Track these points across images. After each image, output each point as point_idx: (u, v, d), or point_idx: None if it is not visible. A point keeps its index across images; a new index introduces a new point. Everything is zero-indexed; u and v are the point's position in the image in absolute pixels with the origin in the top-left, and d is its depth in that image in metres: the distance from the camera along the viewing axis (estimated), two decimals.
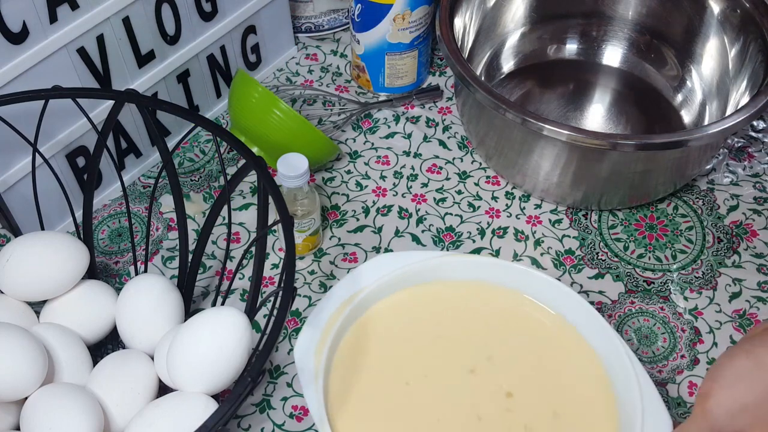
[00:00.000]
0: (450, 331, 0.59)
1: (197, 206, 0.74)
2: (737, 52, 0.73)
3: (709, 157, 0.73)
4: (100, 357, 0.58)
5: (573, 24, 0.84)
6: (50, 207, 0.67)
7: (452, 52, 0.68)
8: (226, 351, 0.51)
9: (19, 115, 0.59)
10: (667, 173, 0.69)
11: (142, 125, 0.73)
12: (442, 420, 0.55)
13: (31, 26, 0.59)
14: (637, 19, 0.82)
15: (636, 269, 0.69)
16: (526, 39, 0.84)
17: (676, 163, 0.68)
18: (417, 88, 0.84)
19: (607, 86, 0.83)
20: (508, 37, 0.83)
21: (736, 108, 0.68)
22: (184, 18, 0.71)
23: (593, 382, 0.56)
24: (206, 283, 0.69)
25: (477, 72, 0.78)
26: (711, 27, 0.76)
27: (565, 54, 0.85)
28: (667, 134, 0.63)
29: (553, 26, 0.84)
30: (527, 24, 0.83)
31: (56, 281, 0.59)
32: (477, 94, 0.65)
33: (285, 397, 0.62)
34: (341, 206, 0.74)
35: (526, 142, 0.67)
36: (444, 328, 0.60)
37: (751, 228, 0.72)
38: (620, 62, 0.84)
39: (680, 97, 0.80)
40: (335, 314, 0.57)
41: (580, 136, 0.62)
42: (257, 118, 0.70)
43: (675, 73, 0.81)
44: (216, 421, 0.43)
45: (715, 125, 0.63)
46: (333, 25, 0.89)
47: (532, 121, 0.62)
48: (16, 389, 0.52)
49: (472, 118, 0.73)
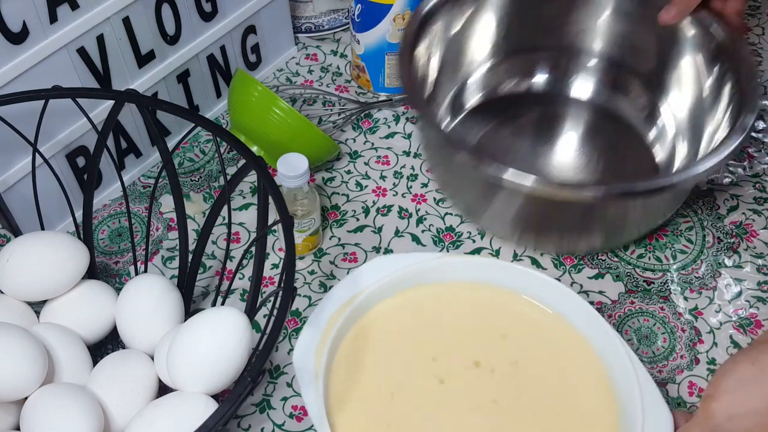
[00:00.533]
0: (450, 332, 0.59)
1: (197, 206, 0.74)
2: (711, 85, 0.69)
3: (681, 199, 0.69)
4: (100, 357, 0.58)
5: (541, 57, 0.81)
6: (50, 207, 0.67)
7: (410, 90, 0.64)
8: (226, 351, 0.51)
9: (19, 115, 0.58)
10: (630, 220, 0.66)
11: (142, 125, 0.73)
12: (442, 421, 0.55)
13: (31, 26, 0.59)
14: (607, 52, 0.79)
15: (636, 269, 0.69)
16: (493, 72, 0.80)
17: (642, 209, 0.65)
18: None
19: (577, 120, 0.80)
20: (473, 70, 0.79)
21: (711, 144, 0.65)
22: (184, 18, 0.71)
23: (594, 382, 0.56)
24: (206, 283, 0.69)
25: (442, 107, 0.77)
26: (684, 60, 0.72)
27: (533, 87, 0.82)
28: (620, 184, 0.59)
29: (520, 59, 0.80)
30: (494, 57, 0.80)
31: (56, 281, 0.59)
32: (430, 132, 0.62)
33: (285, 397, 0.62)
34: (341, 206, 0.74)
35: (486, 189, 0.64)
36: (444, 329, 0.60)
37: (751, 228, 0.72)
38: (591, 95, 0.81)
39: (653, 134, 0.76)
40: (335, 315, 0.57)
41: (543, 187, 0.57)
42: (257, 117, 0.70)
43: (646, 106, 0.77)
44: (216, 421, 0.43)
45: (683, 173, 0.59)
46: (333, 25, 0.89)
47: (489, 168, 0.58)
48: (16, 389, 0.52)
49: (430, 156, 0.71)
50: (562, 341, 0.58)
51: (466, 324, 0.60)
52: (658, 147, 0.76)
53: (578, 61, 0.80)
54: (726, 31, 0.67)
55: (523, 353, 0.58)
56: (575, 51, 0.80)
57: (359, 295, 0.58)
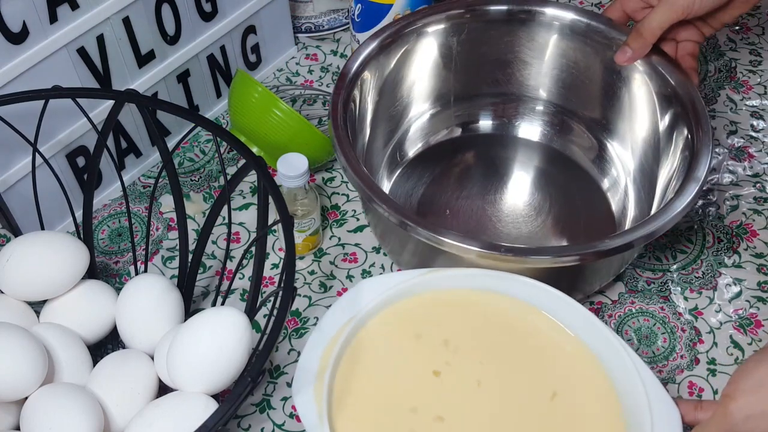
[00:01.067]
0: (450, 343, 0.57)
1: (197, 206, 0.74)
2: (663, 131, 0.67)
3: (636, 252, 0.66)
4: (100, 357, 0.58)
5: (483, 103, 0.77)
6: (50, 207, 0.67)
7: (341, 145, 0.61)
8: (226, 351, 0.51)
9: (19, 115, 0.58)
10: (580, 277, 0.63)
11: (142, 125, 0.73)
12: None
13: (31, 26, 0.59)
14: (552, 99, 0.75)
15: (636, 269, 0.69)
16: (435, 119, 0.76)
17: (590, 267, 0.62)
18: None
19: (528, 163, 0.76)
20: (413, 119, 0.75)
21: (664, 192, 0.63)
22: (184, 18, 0.71)
23: (598, 390, 0.55)
24: (206, 283, 0.69)
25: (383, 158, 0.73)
26: (634, 104, 0.70)
27: (479, 130, 0.78)
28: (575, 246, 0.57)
29: (462, 106, 0.77)
30: (434, 105, 0.76)
31: (56, 281, 0.59)
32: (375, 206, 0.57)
33: (285, 397, 0.62)
34: (341, 206, 0.74)
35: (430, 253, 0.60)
36: (441, 340, 0.57)
37: (751, 228, 0.72)
38: (539, 138, 0.77)
39: (606, 179, 0.73)
40: (329, 348, 0.54)
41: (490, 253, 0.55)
42: (257, 118, 0.70)
43: (597, 151, 0.74)
44: (216, 421, 0.43)
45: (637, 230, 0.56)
46: (333, 25, 0.89)
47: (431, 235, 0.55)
48: (16, 389, 0.52)
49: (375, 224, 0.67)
50: (564, 351, 0.56)
51: (466, 334, 0.57)
52: (611, 192, 0.73)
53: (523, 107, 0.77)
54: (678, 75, 0.65)
55: (526, 363, 0.56)
56: (519, 97, 0.76)
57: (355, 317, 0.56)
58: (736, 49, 0.88)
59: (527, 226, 0.71)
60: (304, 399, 0.52)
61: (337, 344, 0.54)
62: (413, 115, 0.76)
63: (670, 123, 0.66)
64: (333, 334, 0.55)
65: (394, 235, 0.64)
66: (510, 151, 0.77)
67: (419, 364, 0.56)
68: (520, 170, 0.76)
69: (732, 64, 0.86)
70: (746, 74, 0.85)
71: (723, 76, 0.85)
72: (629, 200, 0.71)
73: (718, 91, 0.83)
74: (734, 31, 0.90)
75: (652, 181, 0.68)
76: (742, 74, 0.85)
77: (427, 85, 0.75)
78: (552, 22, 0.71)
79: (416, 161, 0.76)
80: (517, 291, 0.58)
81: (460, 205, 0.72)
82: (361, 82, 0.67)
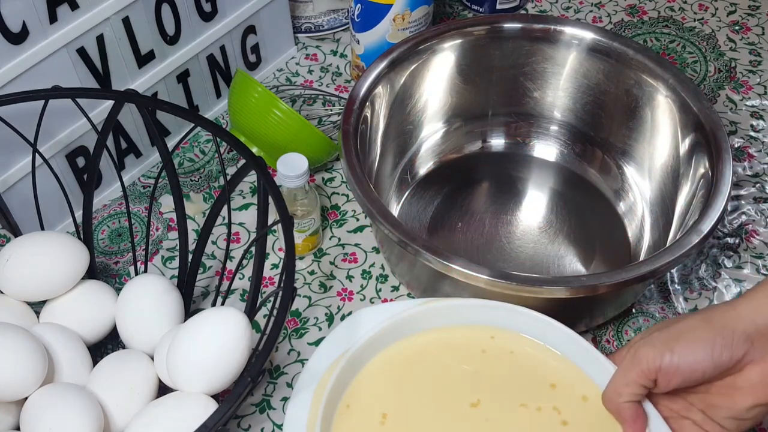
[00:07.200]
0: (448, 379, 0.56)
1: (197, 206, 0.74)
2: (683, 158, 0.66)
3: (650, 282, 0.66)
4: (100, 357, 0.58)
5: (498, 122, 0.76)
6: (50, 207, 0.67)
7: (352, 169, 0.60)
8: (226, 351, 0.51)
9: (19, 115, 0.59)
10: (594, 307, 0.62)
11: (142, 125, 0.73)
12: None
13: (31, 26, 0.59)
14: (570, 121, 0.74)
15: None
16: (448, 137, 0.75)
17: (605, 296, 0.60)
18: None
19: (542, 185, 0.74)
20: (425, 137, 0.75)
21: (682, 220, 0.62)
22: (183, 18, 0.71)
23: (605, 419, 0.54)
24: (206, 283, 0.69)
25: (394, 177, 0.72)
26: (656, 130, 0.68)
27: (491, 149, 0.76)
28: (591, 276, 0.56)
29: (475, 124, 0.76)
30: (447, 124, 0.75)
31: (56, 281, 0.59)
32: (381, 227, 0.57)
33: (285, 398, 0.62)
34: (341, 206, 0.74)
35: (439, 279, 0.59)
36: (441, 377, 0.56)
37: (751, 228, 0.72)
38: (554, 158, 0.75)
39: (623, 207, 0.71)
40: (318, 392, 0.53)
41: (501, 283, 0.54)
42: (257, 119, 0.70)
43: (613, 176, 0.73)
44: (216, 421, 0.43)
45: (651, 261, 0.55)
46: (333, 25, 0.89)
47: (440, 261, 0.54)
48: (16, 389, 0.52)
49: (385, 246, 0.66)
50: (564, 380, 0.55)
51: (462, 369, 0.56)
52: (627, 218, 0.71)
53: (538, 126, 0.76)
54: (700, 102, 0.64)
55: (523, 395, 0.54)
56: (534, 116, 0.75)
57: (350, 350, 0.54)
58: (736, 49, 0.88)
59: (540, 248, 0.69)
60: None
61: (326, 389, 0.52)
62: (425, 133, 0.75)
63: (689, 149, 0.65)
64: (322, 374, 0.53)
65: (406, 261, 0.63)
66: (523, 171, 0.76)
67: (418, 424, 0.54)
68: (534, 190, 0.75)
69: (732, 64, 0.86)
70: (746, 74, 0.85)
71: (723, 76, 0.85)
72: (645, 227, 0.69)
73: (717, 91, 0.83)
74: (734, 31, 0.90)
75: (669, 207, 0.66)
76: (742, 74, 0.85)
77: (440, 103, 0.74)
78: (571, 41, 0.70)
79: (427, 179, 0.75)
80: (522, 325, 0.56)
81: (469, 222, 0.71)
82: (372, 100, 0.66)
